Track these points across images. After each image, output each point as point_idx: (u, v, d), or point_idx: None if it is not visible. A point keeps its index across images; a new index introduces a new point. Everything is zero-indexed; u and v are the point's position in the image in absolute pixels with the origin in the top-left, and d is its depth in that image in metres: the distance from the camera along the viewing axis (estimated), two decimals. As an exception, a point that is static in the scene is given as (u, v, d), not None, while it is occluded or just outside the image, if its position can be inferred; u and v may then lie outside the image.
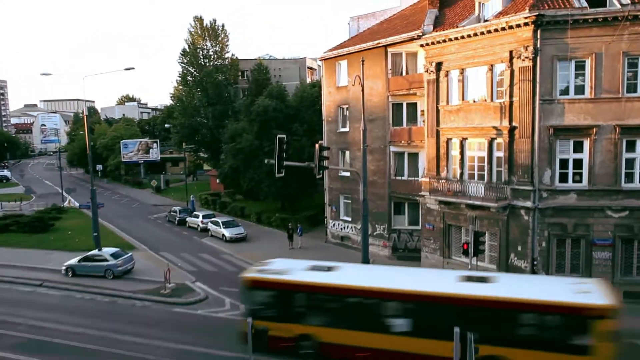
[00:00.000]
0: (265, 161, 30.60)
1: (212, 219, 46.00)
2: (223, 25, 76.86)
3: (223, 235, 42.49)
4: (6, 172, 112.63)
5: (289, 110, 48.75)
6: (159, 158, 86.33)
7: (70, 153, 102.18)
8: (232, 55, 79.23)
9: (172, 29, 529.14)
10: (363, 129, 27.59)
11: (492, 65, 27.32)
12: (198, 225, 47.02)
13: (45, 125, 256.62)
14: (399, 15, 38.38)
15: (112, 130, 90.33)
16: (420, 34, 30.49)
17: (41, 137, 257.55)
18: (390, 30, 35.01)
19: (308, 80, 77.81)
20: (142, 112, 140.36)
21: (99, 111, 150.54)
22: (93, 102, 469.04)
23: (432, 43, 29.86)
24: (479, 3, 29.08)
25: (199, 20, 75.46)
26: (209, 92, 71.98)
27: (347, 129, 37.98)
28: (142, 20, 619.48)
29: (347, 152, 38.16)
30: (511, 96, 26.37)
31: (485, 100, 27.79)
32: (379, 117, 34.51)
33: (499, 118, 26.93)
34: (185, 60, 74.42)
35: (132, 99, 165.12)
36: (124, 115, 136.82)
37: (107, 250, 34.08)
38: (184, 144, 69.18)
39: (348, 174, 37.40)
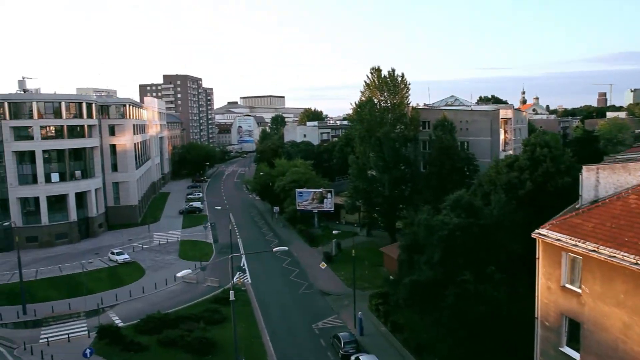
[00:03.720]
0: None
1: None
2: (403, 75, 69.82)
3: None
4: (199, 195, 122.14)
5: (482, 229, 39.22)
6: (332, 209, 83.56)
7: (254, 182, 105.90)
8: (411, 102, 71.75)
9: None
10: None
11: None
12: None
13: (241, 127, 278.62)
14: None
15: (290, 173, 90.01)
16: None
17: (238, 137, 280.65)
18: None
19: (502, 151, 66.29)
20: (322, 133, 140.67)
21: (285, 126, 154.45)
22: (283, 97, 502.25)
23: None
24: None
25: (376, 71, 69.47)
26: (385, 154, 65.72)
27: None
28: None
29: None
30: None
31: None
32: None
33: None
34: (358, 114, 69.42)
35: (315, 115, 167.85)
36: (304, 136, 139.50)
37: None
38: (359, 209, 64.51)
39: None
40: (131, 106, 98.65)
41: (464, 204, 41.00)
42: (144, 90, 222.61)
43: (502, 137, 71.42)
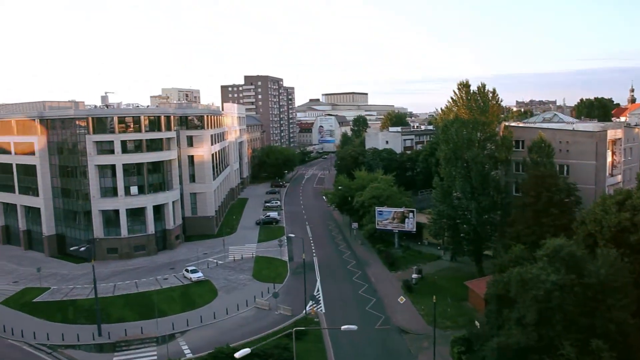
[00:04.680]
0: None
1: None
2: (494, 91, 62.61)
3: None
4: (276, 204, 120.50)
5: (586, 289, 32.87)
6: (414, 229, 77.67)
7: (331, 196, 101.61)
8: (505, 118, 64.16)
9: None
10: None
11: None
12: None
13: (322, 127, 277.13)
14: None
15: (370, 189, 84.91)
16: None
17: (318, 136, 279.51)
18: None
19: (609, 176, 57.22)
20: (405, 139, 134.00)
21: (367, 132, 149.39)
22: (366, 94, 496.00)
23: None
24: None
25: (464, 86, 62.76)
26: (473, 179, 58.98)
27: None
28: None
29: None
30: None
31: None
32: None
33: None
34: (443, 133, 63.04)
35: (398, 118, 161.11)
36: (386, 142, 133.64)
37: None
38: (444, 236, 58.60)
39: None
40: (210, 116, 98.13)
41: (565, 256, 34.45)
42: (225, 91, 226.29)
43: (609, 159, 61.99)
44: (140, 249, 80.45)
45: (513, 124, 71.23)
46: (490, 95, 61.93)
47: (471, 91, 61.97)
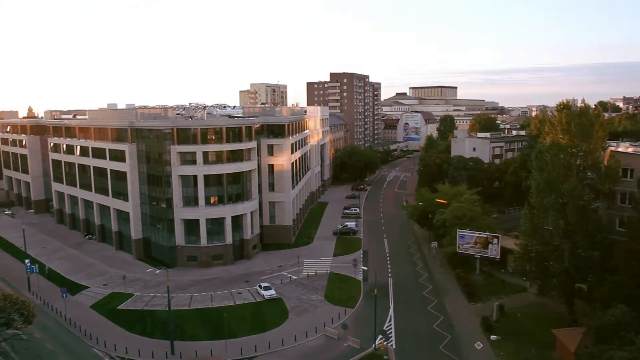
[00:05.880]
0: None
1: None
2: (598, 113, 56.18)
3: None
4: (356, 212, 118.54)
5: None
6: (498, 257, 72.50)
7: (410, 210, 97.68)
8: (608, 145, 57.62)
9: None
10: None
11: None
12: None
13: (408, 124, 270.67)
14: None
15: (453, 208, 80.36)
16: None
17: (403, 134, 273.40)
18: None
19: None
20: (494, 147, 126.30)
21: (454, 138, 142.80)
22: (455, 87, 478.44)
23: None
24: None
25: (564, 108, 56.82)
26: (569, 215, 53.21)
27: None
28: None
29: None
30: None
31: None
32: None
33: None
34: (537, 158, 57.48)
35: (488, 122, 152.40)
36: (474, 150, 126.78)
37: None
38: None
39: None
40: (291, 124, 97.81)
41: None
42: (311, 88, 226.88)
43: None
44: (218, 258, 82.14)
45: (621, 148, 63.43)
46: (594, 118, 55.36)
47: (572, 111, 55.81)
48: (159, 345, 56.59)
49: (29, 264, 74.44)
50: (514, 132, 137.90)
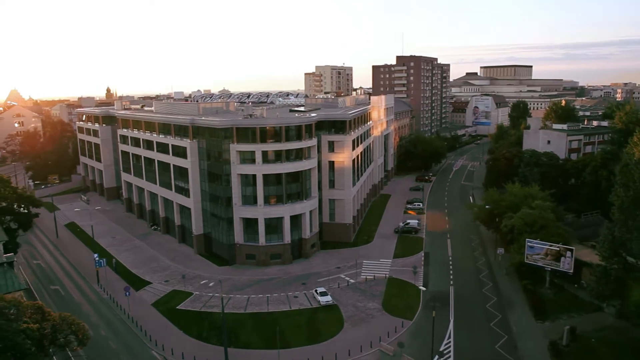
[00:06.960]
0: None
1: None
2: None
3: None
4: (419, 206, 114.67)
5: None
6: (571, 270, 67.12)
7: (477, 211, 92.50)
8: None
9: None
10: None
11: None
12: None
13: (477, 107, 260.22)
14: None
15: (522, 214, 74.98)
16: None
17: (473, 118, 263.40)
18: None
19: None
20: (570, 140, 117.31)
21: (526, 130, 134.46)
22: (530, 66, 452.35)
23: None
24: None
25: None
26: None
27: None
28: None
29: None
30: None
31: None
32: None
33: None
34: (622, 173, 51.81)
35: (565, 111, 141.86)
36: (548, 143, 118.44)
37: None
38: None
39: None
40: (353, 120, 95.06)
41: None
42: (377, 71, 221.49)
43: None
44: (276, 257, 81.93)
45: None
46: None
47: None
48: (214, 351, 56.98)
49: (97, 259, 77.62)
50: (595, 123, 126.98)
